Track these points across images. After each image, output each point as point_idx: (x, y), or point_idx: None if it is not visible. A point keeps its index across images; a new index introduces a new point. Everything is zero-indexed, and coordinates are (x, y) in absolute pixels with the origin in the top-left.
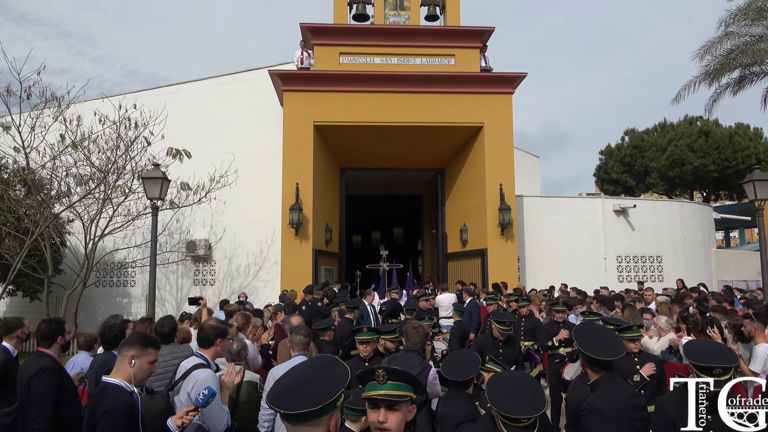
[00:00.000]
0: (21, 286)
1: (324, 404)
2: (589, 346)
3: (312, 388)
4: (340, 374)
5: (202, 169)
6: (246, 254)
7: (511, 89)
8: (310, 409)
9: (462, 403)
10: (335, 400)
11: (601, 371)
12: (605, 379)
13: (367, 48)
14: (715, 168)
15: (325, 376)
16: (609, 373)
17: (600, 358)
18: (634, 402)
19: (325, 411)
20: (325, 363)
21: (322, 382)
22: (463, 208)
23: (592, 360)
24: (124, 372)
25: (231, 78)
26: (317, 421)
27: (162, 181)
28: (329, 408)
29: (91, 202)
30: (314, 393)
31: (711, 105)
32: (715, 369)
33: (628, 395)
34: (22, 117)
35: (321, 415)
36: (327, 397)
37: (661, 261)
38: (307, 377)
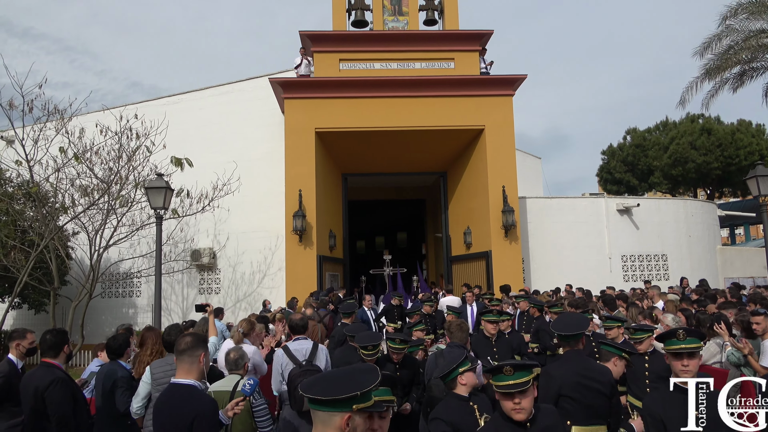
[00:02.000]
0: (27, 298)
1: (329, 398)
2: (559, 327)
3: (333, 383)
4: (363, 381)
5: (205, 178)
6: (250, 262)
7: (512, 91)
8: (314, 396)
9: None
10: (346, 400)
11: (566, 346)
12: (568, 353)
13: (367, 54)
14: (718, 165)
15: (351, 377)
16: (574, 350)
17: (563, 333)
18: (587, 373)
19: (333, 406)
20: (362, 369)
21: (345, 382)
22: (467, 211)
23: (560, 336)
24: (197, 371)
25: (231, 87)
26: (329, 414)
27: (165, 191)
28: (338, 405)
29: (95, 212)
30: (330, 387)
31: (708, 100)
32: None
33: (582, 367)
34: (25, 131)
35: (330, 408)
36: (336, 393)
37: (666, 259)
38: (339, 373)
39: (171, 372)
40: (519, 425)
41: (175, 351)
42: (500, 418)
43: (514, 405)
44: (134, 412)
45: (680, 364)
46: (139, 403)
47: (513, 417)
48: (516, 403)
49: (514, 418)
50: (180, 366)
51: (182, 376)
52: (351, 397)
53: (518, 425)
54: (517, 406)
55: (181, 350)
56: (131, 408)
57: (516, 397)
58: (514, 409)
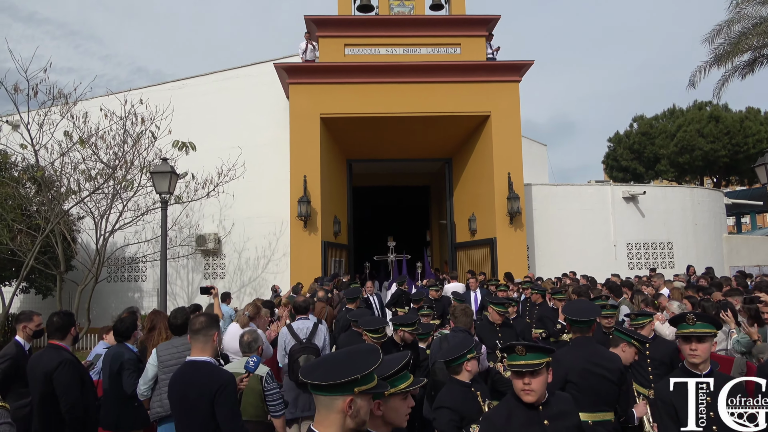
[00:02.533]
0: (34, 282)
1: (329, 383)
2: (571, 312)
3: (334, 366)
4: (364, 363)
5: (210, 164)
6: (255, 247)
7: (518, 77)
8: (313, 382)
9: (454, 388)
10: (346, 383)
11: (577, 332)
12: (578, 339)
13: (372, 39)
14: (726, 153)
15: (353, 360)
16: (584, 336)
17: (577, 319)
18: (595, 360)
19: (334, 390)
20: (365, 349)
21: (345, 364)
22: (472, 198)
23: (572, 322)
24: (211, 349)
25: (236, 72)
26: (331, 398)
27: (171, 175)
28: (338, 389)
29: (100, 197)
30: (330, 371)
31: (719, 88)
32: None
33: (591, 353)
34: (30, 115)
35: (331, 393)
36: (335, 378)
37: (671, 247)
38: (339, 356)
39: (177, 354)
40: (530, 407)
41: (190, 331)
42: (512, 399)
43: (524, 385)
44: (141, 393)
45: (689, 348)
46: (145, 385)
47: (522, 398)
48: (525, 383)
49: (523, 399)
50: (195, 345)
51: (198, 354)
52: (352, 381)
53: (530, 407)
54: (526, 387)
55: (195, 330)
56: (138, 390)
57: (526, 377)
58: (524, 389)
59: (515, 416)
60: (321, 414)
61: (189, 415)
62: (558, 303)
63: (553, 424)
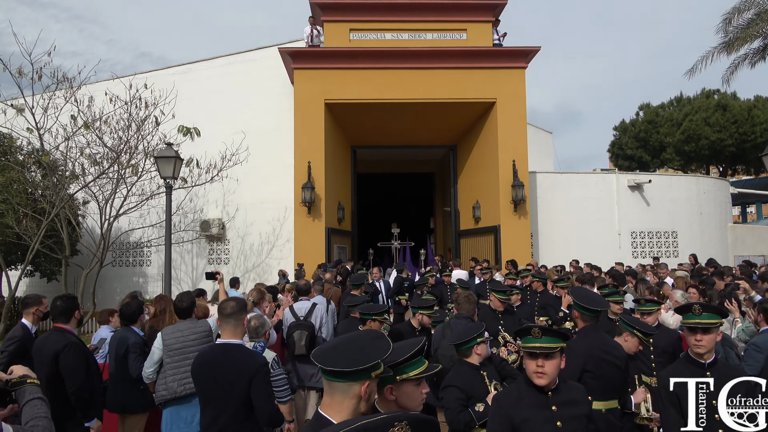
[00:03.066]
0: (39, 266)
1: (353, 369)
2: (583, 300)
3: (349, 353)
4: (378, 348)
5: (214, 148)
6: (259, 233)
7: (525, 64)
8: (338, 369)
9: (463, 369)
10: (368, 369)
11: (588, 321)
12: (586, 328)
13: (378, 24)
14: (733, 142)
15: (366, 345)
16: (593, 325)
17: (590, 308)
18: (606, 348)
19: (356, 376)
20: (372, 336)
21: (361, 350)
22: (476, 185)
23: (584, 310)
24: (242, 332)
25: (241, 57)
26: (349, 384)
27: (175, 160)
28: (360, 375)
29: (105, 182)
30: (349, 357)
31: (729, 76)
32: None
33: (601, 342)
34: (34, 99)
35: (351, 379)
36: (358, 364)
37: (676, 236)
38: (351, 343)
39: (182, 338)
40: (540, 391)
41: (221, 315)
42: (523, 383)
43: (537, 367)
44: (146, 376)
45: (693, 339)
46: (151, 368)
47: (534, 380)
48: (539, 366)
49: (534, 382)
50: (226, 328)
51: (229, 337)
52: (372, 366)
53: (539, 391)
54: (539, 369)
55: (228, 313)
56: (144, 373)
57: (540, 360)
58: (536, 372)
59: (524, 399)
60: (335, 399)
61: (224, 396)
62: (561, 291)
63: (561, 410)
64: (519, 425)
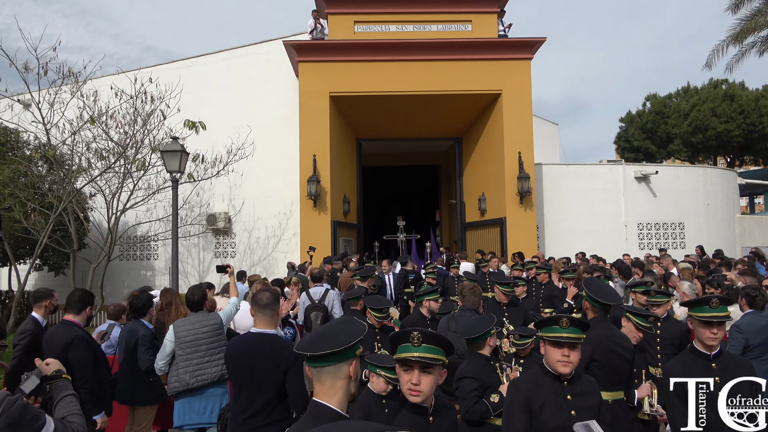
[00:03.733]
0: (47, 260)
1: (341, 348)
2: (596, 292)
3: (332, 337)
4: (357, 328)
5: (220, 142)
6: (265, 227)
7: (530, 55)
8: (328, 351)
9: (477, 360)
10: (352, 347)
11: (598, 312)
12: (597, 319)
13: (382, 15)
14: (740, 133)
15: (344, 329)
16: (603, 316)
17: (602, 301)
18: (615, 339)
19: (343, 356)
20: (346, 320)
21: (341, 333)
22: (481, 177)
23: (595, 302)
24: (275, 323)
25: (246, 50)
26: (338, 366)
27: (181, 154)
28: (347, 354)
29: (111, 176)
30: (333, 340)
31: (734, 63)
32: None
33: (610, 333)
34: (40, 94)
35: (340, 360)
36: (344, 343)
37: (683, 228)
38: (330, 329)
39: (194, 330)
40: (557, 379)
41: (256, 305)
42: (539, 371)
43: (562, 356)
44: (159, 368)
45: (709, 332)
46: (163, 360)
47: (558, 369)
48: (564, 355)
49: (559, 370)
50: (262, 318)
51: (264, 327)
52: (356, 344)
53: (557, 379)
54: (565, 358)
55: (264, 305)
56: (156, 365)
57: (566, 348)
58: (561, 360)
59: (541, 386)
60: (326, 384)
61: (258, 384)
62: (567, 282)
63: (576, 400)
64: (537, 410)
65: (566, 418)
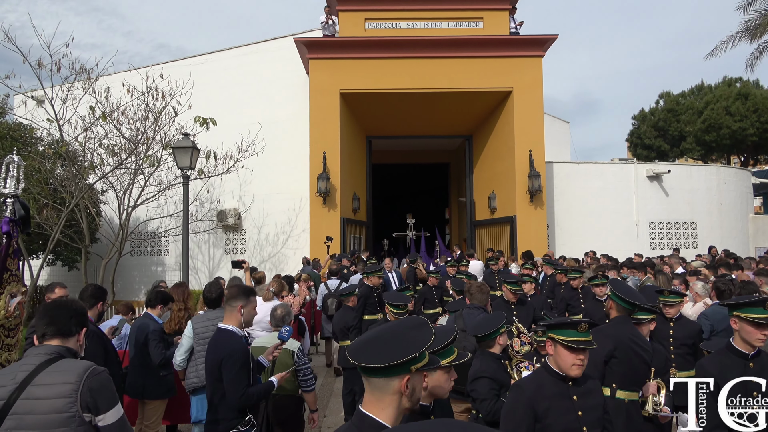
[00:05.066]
0: (60, 255)
1: (390, 364)
2: (622, 292)
3: (387, 346)
4: (420, 339)
5: (230, 139)
6: (275, 223)
7: (542, 52)
8: (369, 365)
9: (489, 359)
10: (406, 363)
11: (621, 312)
12: (619, 318)
13: (393, 12)
14: (754, 131)
15: (405, 336)
16: (625, 316)
17: (628, 299)
18: (636, 340)
19: (391, 371)
20: (413, 325)
21: (400, 342)
22: (492, 175)
23: (621, 300)
24: (236, 319)
25: (256, 47)
26: (387, 379)
27: (192, 151)
28: (396, 369)
29: (123, 172)
30: (386, 351)
31: (753, 61)
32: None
33: (631, 333)
34: (53, 90)
35: (387, 375)
36: (393, 358)
37: (695, 227)
38: (389, 334)
39: (211, 326)
40: (563, 380)
41: (225, 300)
42: (543, 372)
43: (578, 360)
44: (177, 364)
45: (760, 333)
46: (182, 356)
47: (572, 372)
48: (580, 359)
49: (572, 374)
50: (225, 314)
51: (224, 322)
52: (410, 360)
53: (562, 380)
54: (579, 362)
55: (225, 299)
56: (174, 360)
57: (581, 353)
58: (575, 363)
59: (546, 387)
60: (374, 395)
61: (208, 376)
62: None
63: (581, 400)
64: (542, 413)
65: (573, 420)
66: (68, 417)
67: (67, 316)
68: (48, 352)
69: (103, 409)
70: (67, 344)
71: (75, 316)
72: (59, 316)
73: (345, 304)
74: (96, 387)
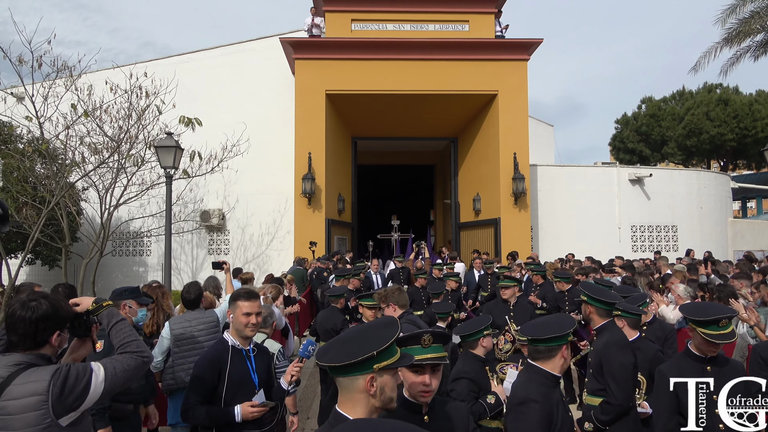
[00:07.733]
0: (39, 254)
1: (347, 363)
2: (595, 293)
3: (348, 345)
4: (381, 338)
5: (214, 139)
6: (259, 224)
7: (527, 56)
8: (331, 364)
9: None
10: (365, 361)
11: (605, 317)
12: (609, 324)
13: (380, 14)
14: (734, 137)
15: (368, 335)
16: (612, 322)
17: (604, 300)
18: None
19: (354, 370)
20: (380, 324)
21: (360, 342)
22: (476, 178)
23: (599, 302)
24: (232, 327)
25: (242, 47)
26: (351, 378)
27: (175, 150)
28: (359, 367)
29: (105, 171)
30: (346, 350)
31: (728, 67)
32: (721, 320)
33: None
34: (34, 87)
35: (351, 373)
36: (352, 357)
37: (676, 231)
38: (355, 333)
39: (190, 328)
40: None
41: None
42: (547, 382)
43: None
44: (154, 365)
45: (713, 347)
46: (158, 357)
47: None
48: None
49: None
50: None
51: None
52: (367, 359)
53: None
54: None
55: None
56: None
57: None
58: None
59: (556, 400)
60: (344, 395)
61: None
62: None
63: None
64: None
65: None
66: (43, 429)
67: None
68: (16, 362)
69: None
70: (38, 352)
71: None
72: (22, 329)
73: (333, 305)
74: (59, 391)
